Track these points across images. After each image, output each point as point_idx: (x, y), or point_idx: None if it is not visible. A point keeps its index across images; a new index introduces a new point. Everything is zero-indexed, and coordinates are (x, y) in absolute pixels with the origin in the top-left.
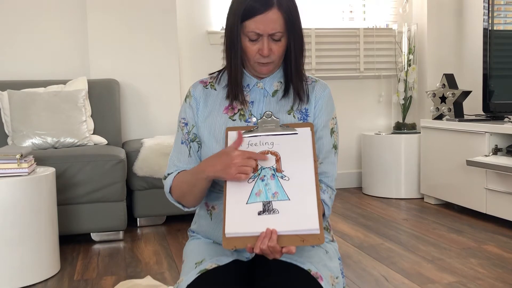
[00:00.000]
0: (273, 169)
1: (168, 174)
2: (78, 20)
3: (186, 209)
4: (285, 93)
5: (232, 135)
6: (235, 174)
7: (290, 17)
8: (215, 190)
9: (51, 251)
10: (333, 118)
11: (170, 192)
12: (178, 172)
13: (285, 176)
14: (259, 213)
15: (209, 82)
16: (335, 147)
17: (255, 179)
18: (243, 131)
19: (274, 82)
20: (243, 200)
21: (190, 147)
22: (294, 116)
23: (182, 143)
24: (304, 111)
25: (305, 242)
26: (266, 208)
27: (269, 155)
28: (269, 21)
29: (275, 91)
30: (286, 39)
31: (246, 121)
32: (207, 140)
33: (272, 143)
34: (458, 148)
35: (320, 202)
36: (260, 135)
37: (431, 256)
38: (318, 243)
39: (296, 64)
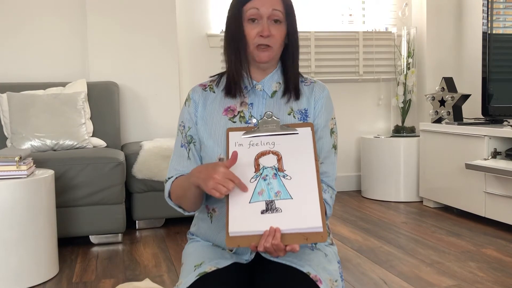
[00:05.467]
0: (275, 169)
1: (169, 178)
2: (78, 22)
3: (186, 213)
4: (284, 93)
5: (233, 136)
6: (210, 188)
7: (288, 5)
8: None
9: (50, 253)
10: (332, 119)
11: (169, 196)
12: (177, 177)
13: (287, 175)
14: (262, 212)
15: (209, 85)
16: (334, 147)
17: (257, 178)
18: (244, 132)
19: (273, 83)
20: (246, 199)
21: (189, 149)
22: (294, 117)
23: (181, 146)
24: (304, 111)
25: (308, 240)
26: (269, 207)
27: (271, 155)
28: (268, 1)
29: (274, 92)
30: (285, 26)
31: (246, 122)
32: (208, 142)
33: (273, 143)
34: (457, 151)
35: (323, 201)
36: (261, 135)
37: (430, 260)
38: (321, 241)
39: (293, 59)
